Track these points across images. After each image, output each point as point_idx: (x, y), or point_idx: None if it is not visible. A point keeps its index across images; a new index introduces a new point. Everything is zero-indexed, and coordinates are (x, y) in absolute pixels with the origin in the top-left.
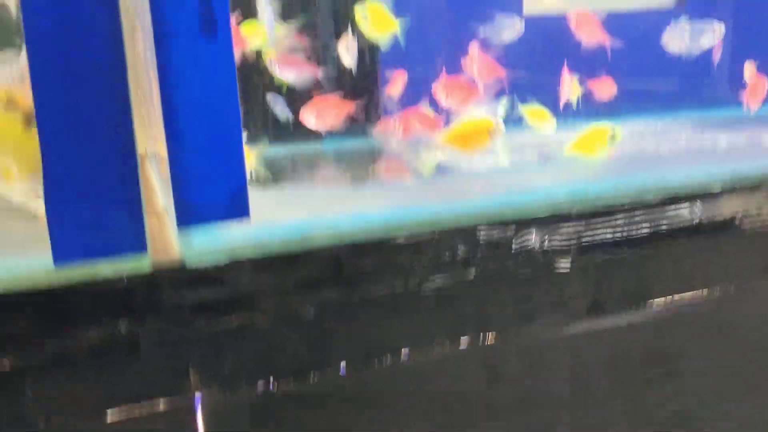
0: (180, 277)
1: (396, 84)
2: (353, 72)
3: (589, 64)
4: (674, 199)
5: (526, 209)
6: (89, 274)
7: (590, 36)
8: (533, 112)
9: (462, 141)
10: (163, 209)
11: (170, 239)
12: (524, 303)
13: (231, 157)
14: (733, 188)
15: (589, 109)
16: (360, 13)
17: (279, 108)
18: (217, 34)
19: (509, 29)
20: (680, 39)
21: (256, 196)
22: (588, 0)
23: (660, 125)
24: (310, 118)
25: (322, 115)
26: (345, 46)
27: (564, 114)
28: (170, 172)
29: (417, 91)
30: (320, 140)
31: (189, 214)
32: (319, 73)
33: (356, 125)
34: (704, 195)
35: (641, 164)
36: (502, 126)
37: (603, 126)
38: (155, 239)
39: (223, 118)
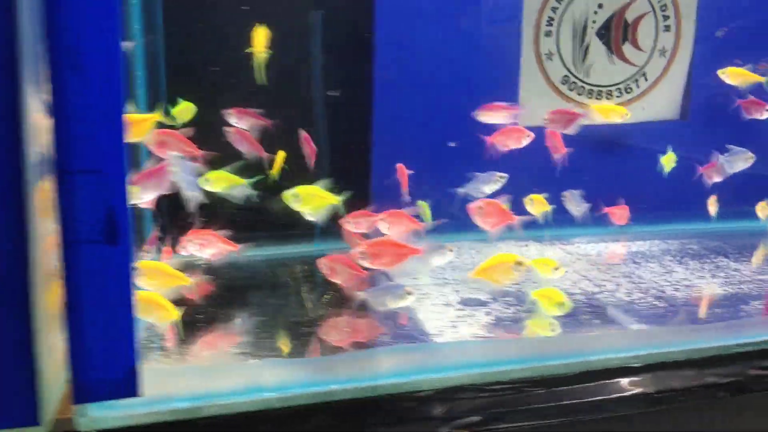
0: None
1: None
2: None
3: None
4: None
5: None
6: None
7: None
8: (542, 262)
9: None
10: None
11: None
12: None
13: (124, 344)
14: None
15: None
16: (290, 195)
17: None
18: (118, 241)
19: (492, 184)
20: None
21: None
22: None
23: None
24: (192, 246)
25: (204, 246)
26: None
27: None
28: (69, 354)
29: None
30: None
31: (84, 393)
32: None
33: None
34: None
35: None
36: (528, 263)
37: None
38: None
39: (119, 311)
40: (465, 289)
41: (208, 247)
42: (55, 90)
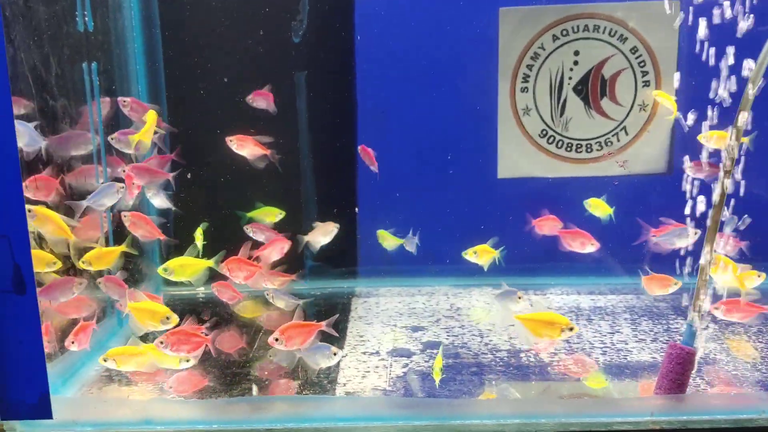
0: None
1: None
2: None
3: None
4: None
5: None
6: None
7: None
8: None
9: (535, 327)
10: None
11: None
12: None
13: (37, 375)
14: None
15: None
16: (162, 270)
17: None
18: (25, 291)
19: None
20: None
21: None
22: (572, 167)
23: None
24: None
25: None
26: None
27: None
28: None
29: None
30: None
31: (8, 411)
32: None
33: None
34: None
35: None
36: (576, 329)
37: None
38: None
39: (30, 346)
40: (405, 339)
41: None
42: None
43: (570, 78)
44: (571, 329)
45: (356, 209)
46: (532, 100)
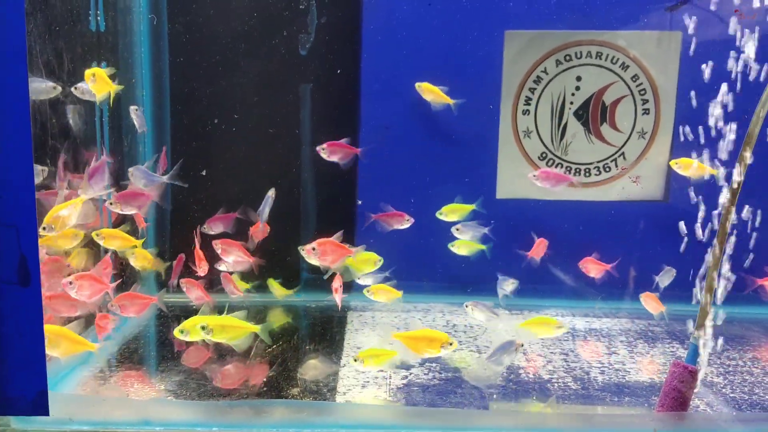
0: None
1: None
2: None
3: None
4: None
5: None
6: None
7: None
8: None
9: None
10: None
11: None
12: None
13: (35, 370)
14: None
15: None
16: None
17: None
18: (30, 284)
19: None
20: None
21: None
22: (569, 191)
23: None
24: None
25: None
26: None
27: None
28: None
29: None
30: None
31: (4, 406)
32: None
33: None
34: None
35: None
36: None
37: None
38: None
39: (31, 341)
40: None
41: None
42: None
43: (571, 103)
44: (560, 327)
45: (354, 224)
46: (533, 123)
